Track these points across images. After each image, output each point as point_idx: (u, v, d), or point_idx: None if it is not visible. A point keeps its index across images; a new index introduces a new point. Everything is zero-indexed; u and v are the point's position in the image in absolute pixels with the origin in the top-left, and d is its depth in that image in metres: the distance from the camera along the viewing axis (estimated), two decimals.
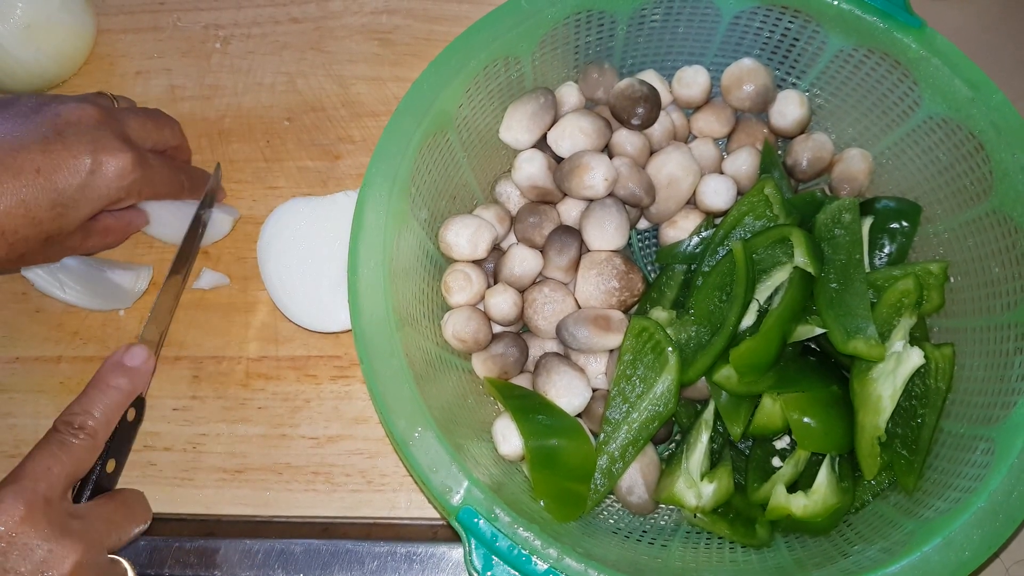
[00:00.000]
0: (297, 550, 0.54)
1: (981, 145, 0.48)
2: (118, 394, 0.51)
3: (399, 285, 0.46)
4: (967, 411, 0.46)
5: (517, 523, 0.40)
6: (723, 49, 0.57)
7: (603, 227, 0.51)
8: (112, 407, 0.51)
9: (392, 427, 0.42)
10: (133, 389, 0.52)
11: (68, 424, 0.48)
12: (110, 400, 0.50)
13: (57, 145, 0.50)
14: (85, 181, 0.51)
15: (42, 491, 0.45)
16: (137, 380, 0.52)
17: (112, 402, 0.51)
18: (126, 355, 0.52)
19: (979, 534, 0.40)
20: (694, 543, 0.47)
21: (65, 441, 0.48)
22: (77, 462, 0.48)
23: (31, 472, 0.45)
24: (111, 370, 0.52)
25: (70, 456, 0.47)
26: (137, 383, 0.52)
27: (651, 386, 0.48)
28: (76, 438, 0.48)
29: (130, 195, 0.54)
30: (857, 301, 0.47)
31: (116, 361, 0.52)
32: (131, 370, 0.52)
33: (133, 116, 0.56)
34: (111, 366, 0.52)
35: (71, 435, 0.48)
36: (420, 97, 0.49)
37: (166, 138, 0.59)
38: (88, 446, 0.48)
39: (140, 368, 0.53)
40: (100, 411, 0.50)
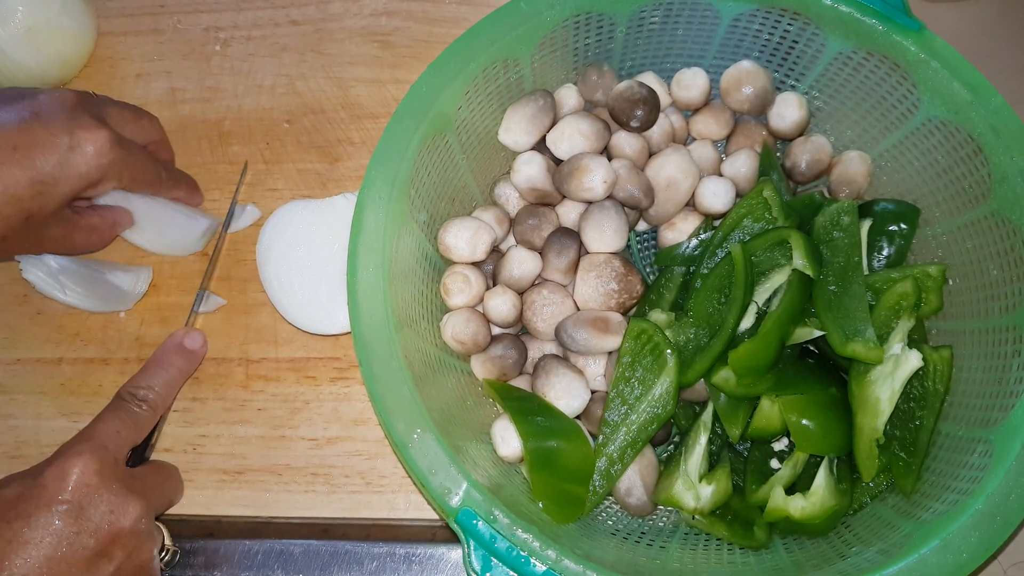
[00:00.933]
0: (296, 551, 0.55)
1: (980, 148, 0.48)
2: (177, 373, 0.55)
3: (398, 287, 0.46)
4: (965, 413, 0.46)
5: (516, 524, 0.40)
6: (722, 51, 0.57)
7: (602, 229, 0.51)
8: (171, 384, 0.55)
9: (391, 429, 0.42)
10: (189, 370, 0.57)
11: (133, 396, 0.52)
12: (170, 377, 0.55)
13: (34, 124, 0.51)
14: (63, 158, 0.51)
15: (112, 451, 0.49)
16: (192, 363, 0.57)
17: (171, 379, 0.55)
18: (186, 338, 0.57)
19: (977, 536, 0.40)
20: (692, 545, 0.47)
21: (131, 410, 0.52)
22: (139, 430, 0.52)
23: (103, 433, 0.49)
24: (173, 350, 0.56)
25: (135, 424, 0.51)
26: (192, 365, 0.57)
27: (650, 388, 0.48)
28: (140, 408, 0.52)
29: (108, 176, 0.54)
30: (855, 303, 0.47)
31: (177, 343, 0.56)
32: (190, 352, 0.57)
33: (111, 104, 0.57)
34: (172, 346, 0.56)
35: (136, 405, 0.52)
36: (419, 99, 0.49)
37: (144, 129, 0.59)
38: (149, 417, 0.53)
39: (196, 352, 0.57)
40: (161, 386, 0.54)
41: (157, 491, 0.52)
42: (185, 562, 0.55)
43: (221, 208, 0.63)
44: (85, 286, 0.58)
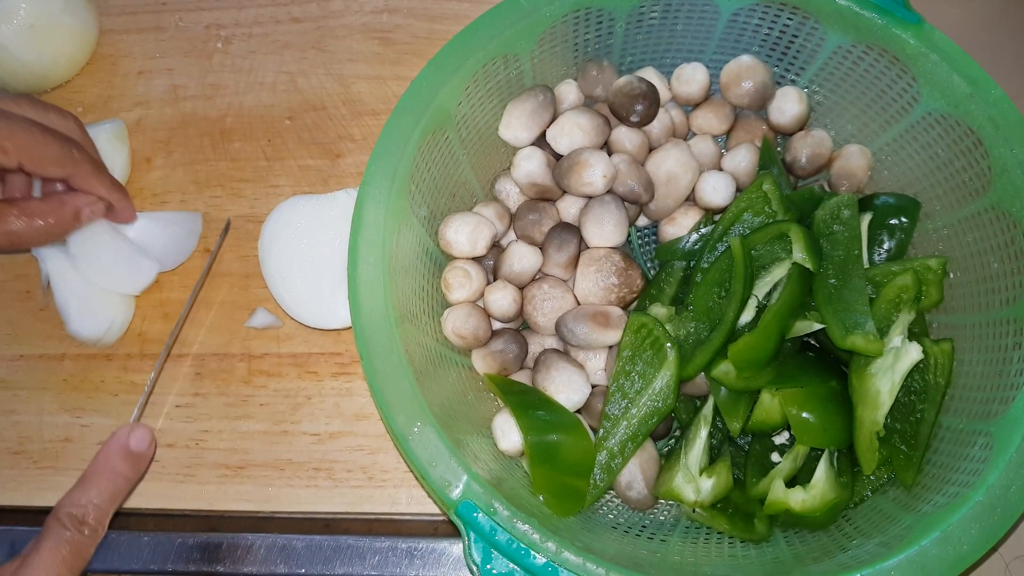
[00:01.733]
0: (299, 545, 0.55)
1: (980, 141, 0.48)
2: (122, 482, 0.48)
3: (399, 282, 0.47)
4: (966, 406, 0.46)
5: (516, 517, 0.40)
6: (722, 46, 0.57)
7: (602, 224, 0.52)
8: (116, 497, 0.47)
9: (391, 422, 0.42)
10: (135, 478, 0.49)
11: (74, 518, 0.45)
12: (115, 489, 0.47)
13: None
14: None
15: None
16: (140, 466, 0.49)
17: (117, 491, 0.47)
18: (132, 438, 0.48)
19: (977, 528, 0.40)
20: (693, 538, 0.47)
21: (73, 539, 0.45)
22: (81, 559, 0.45)
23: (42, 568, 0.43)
24: (117, 454, 0.48)
25: (76, 554, 0.45)
26: (139, 470, 0.49)
27: (650, 382, 0.48)
28: (82, 534, 0.45)
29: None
30: (855, 297, 0.47)
31: (121, 445, 0.48)
32: (137, 455, 0.49)
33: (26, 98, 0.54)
34: (116, 451, 0.48)
35: (78, 531, 0.45)
36: (419, 95, 0.50)
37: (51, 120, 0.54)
38: (92, 541, 0.46)
39: (145, 453, 0.49)
40: (104, 502, 0.46)
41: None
42: (188, 557, 0.55)
43: (222, 205, 0.64)
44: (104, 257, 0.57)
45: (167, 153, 0.66)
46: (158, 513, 0.56)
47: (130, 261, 0.59)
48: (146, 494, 0.56)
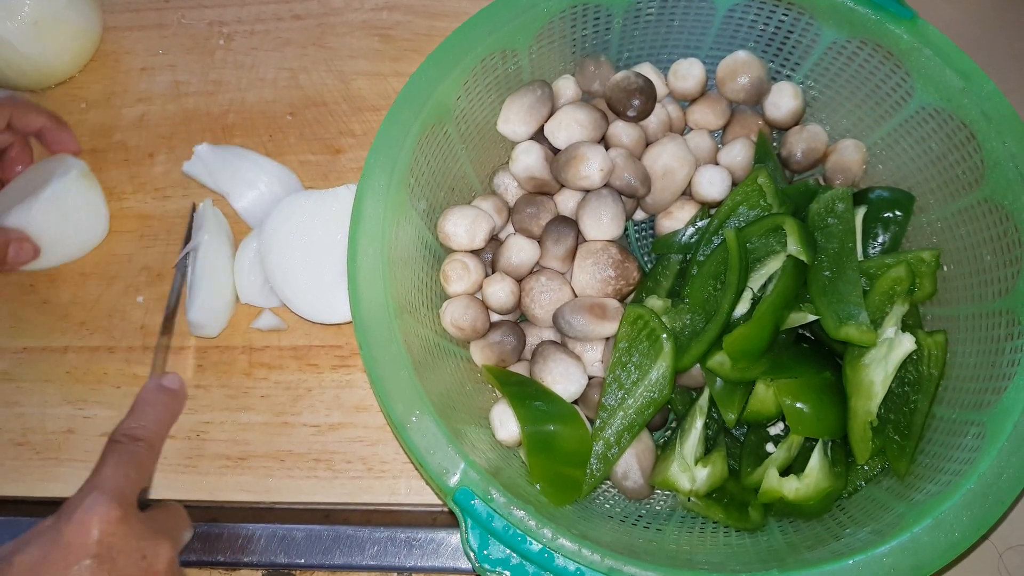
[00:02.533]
0: (299, 535, 0.55)
1: (973, 134, 0.49)
2: (164, 410, 0.54)
3: (398, 274, 0.47)
4: (959, 396, 0.47)
5: (512, 504, 0.41)
6: (718, 42, 0.58)
7: (599, 217, 0.52)
8: (163, 422, 0.53)
9: (390, 411, 0.43)
10: (177, 408, 0.55)
11: (129, 436, 0.50)
12: (159, 415, 0.53)
13: None
14: None
15: (128, 495, 0.47)
16: (177, 402, 0.55)
17: (161, 418, 0.53)
18: (165, 379, 0.55)
19: (968, 516, 0.40)
20: (688, 527, 0.48)
21: (132, 451, 0.50)
22: (143, 471, 0.50)
23: (112, 479, 0.47)
24: (154, 390, 0.54)
25: (138, 465, 0.49)
26: (177, 405, 0.55)
27: (646, 373, 0.48)
28: (140, 448, 0.50)
29: None
30: (849, 288, 0.48)
31: (156, 383, 0.55)
32: (171, 391, 0.55)
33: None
34: (153, 387, 0.54)
35: (135, 445, 0.50)
36: (418, 89, 0.50)
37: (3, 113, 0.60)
38: (148, 455, 0.51)
39: (178, 391, 0.56)
40: (153, 423, 0.52)
41: (177, 530, 0.50)
42: (189, 547, 0.55)
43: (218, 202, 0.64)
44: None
45: (169, 148, 0.67)
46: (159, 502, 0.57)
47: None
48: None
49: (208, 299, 0.58)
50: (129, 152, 0.67)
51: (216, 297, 0.58)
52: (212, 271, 0.58)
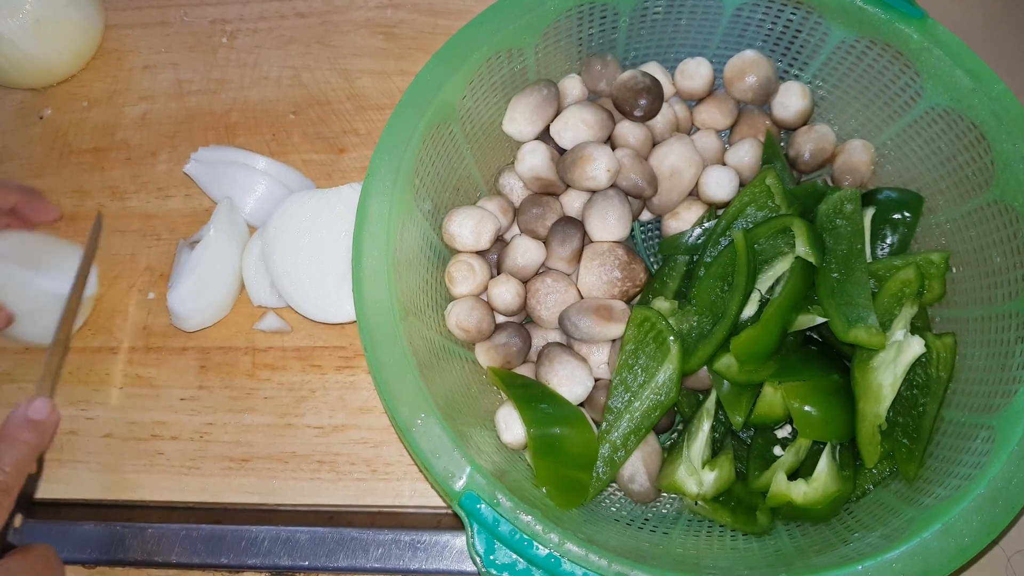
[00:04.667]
0: (303, 537, 0.55)
1: (983, 135, 0.48)
2: (26, 448, 0.51)
3: (403, 275, 0.47)
4: (968, 400, 0.46)
5: (519, 508, 0.41)
6: (725, 41, 0.57)
7: (605, 218, 0.52)
8: (22, 462, 0.51)
9: (395, 413, 0.42)
10: (40, 442, 0.52)
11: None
12: (19, 454, 0.51)
13: None
14: None
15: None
16: (43, 433, 0.53)
17: (22, 456, 0.51)
18: (30, 408, 0.52)
19: (978, 520, 0.40)
20: (695, 531, 0.48)
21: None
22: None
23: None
24: (16, 425, 0.52)
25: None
26: (43, 437, 0.53)
27: (653, 375, 0.48)
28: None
29: None
30: (858, 290, 0.48)
31: (21, 416, 0.52)
32: (37, 423, 0.52)
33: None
34: (16, 421, 0.52)
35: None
36: (423, 89, 0.50)
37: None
38: (4, 498, 0.49)
39: (46, 420, 0.53)
40: (11, 466, 0.50)
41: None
42: (192, 549, 0.55)
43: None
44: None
45: (172, 147, 0.66)
46: (163, 505, 0.57)
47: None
48: (150, 487, 0.57)
49: (191, 291, 0.57)
50: (131, 151, 0.67)
51: (201, 292, 0.57)
52: (208, 267, 0.58)
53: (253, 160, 0.62)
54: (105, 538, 0.55)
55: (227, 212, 0.59)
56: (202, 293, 0.57)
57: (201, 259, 0.57)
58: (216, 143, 0.66)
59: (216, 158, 0.62)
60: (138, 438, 0.58)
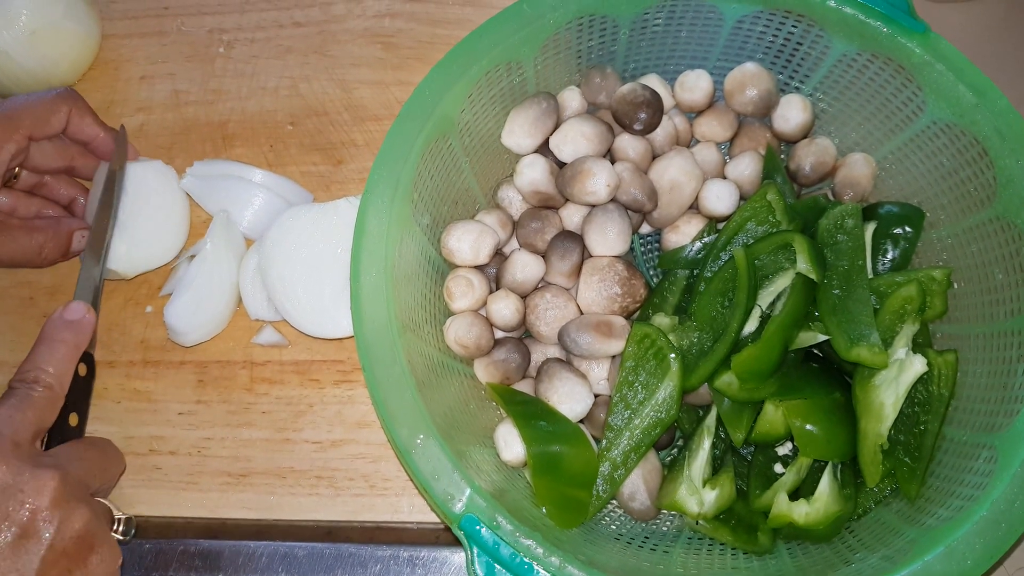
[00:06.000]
0: (301, 553, 0.55)
1: (985, 151, 0.48)
2: (65, 347, 0.52)
3: (401, 291, 0.47)
4: (970, 418, 0.46)
5: (519, 531, 0.40)
6: (726, 53, 0.57)
7: (605, 233, 0.51)
8: (63, 360, 0.51)
9: (394, 435, 0.42)
10: (79, 342, 0.53)
11: (23, 380, 0.49)
12: (59, 354, 0.51)
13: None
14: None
15: (8, 435, 0.46)
16: (81, 333, 0.53)
17: (61, 356, 0.51)
18: (66, 311, 0.53)
19: (981, 543, 0.40)
20: (696, 549, 0.47)
21: (24, 394, 0.49)
22: (39, 412, 0.49)
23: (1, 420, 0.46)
24: (54, 326, 0.52)
25: (31, 407, 0.48)
26: (81, 336, 0.53)
27: (653, 392, 0.48)
28: (34, 391, 0.49)
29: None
30: (860, 308, 0.47)
31: (57, 317, 0.53)
32: (73, 323, 0.53)
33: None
34: (53, 322, 0.53)
35: (28, 388, 0.49)
36: (422, 102, 0.49)
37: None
38: (48, 397, 0.50)
39: (81, 321, 0.53)
40: (52, 365, 0.50)
41: (78, 462, 0.49)
42: (190, 564, 0.55)
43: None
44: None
45: (169, 158, 0.66)
46: (160, 520, 0.56)
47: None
48: (148, 501, 0.56)
49: (188, 306, 0.57)
50: None
51: (199, 307, 0.57)
52: (205, 281, 0.57)
53: (249, 173, 0.61)
54: None
55: (223, 226, 0.59)
56: (199, 308, 0.57)
57: (198, 274, 0.57)
58: (213, 154, 0.66)
59: (212, 172, 0.61)
60: (136, 452, 0.58)
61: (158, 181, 0.61)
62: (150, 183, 0.61)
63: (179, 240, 0.62)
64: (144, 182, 0.60)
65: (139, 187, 0.60)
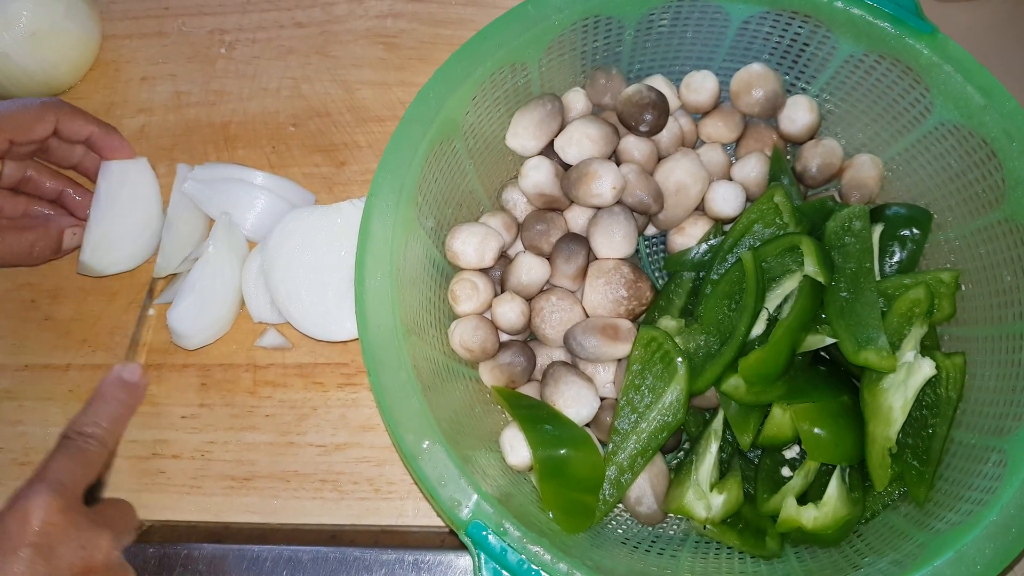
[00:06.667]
0: (305, 557, 0.55)
1: (993, 152, 0.48)
2: (120, 407, 0.53)
3: (406, 294, 0.46)
4: (978, 421, 0.46)
5: (526, 537, 0.40)
6: (732, 54, 0.56)
7: (611, 235, 0.51)
8: (116, 419, 0.53)
9: (400, 441, 0.42)
10: (133, 403, 0.55)
11: (80, 433, 0.50)
12: (114, 412, 0.53)
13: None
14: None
15: (70, 489, 0.47)
16: (136, 395, 0.55)
17: (116, 414, 0.53)
18: (124, 371, 0.55)
19: (991, 548, 0.40)
20: (703, 553, 0.47)
21: (81, 447, 0.49)
22: (91, 467, 0.50)
23: (58, 472, 0.47)
24: (113, 384, 0.54)
25: (86, 461, 0.49)
26: (136, 398, 0.55)
27: (660, 396, 0.47)
28: (89, 445, 0.50)
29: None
30: (868, 311, 0.47)
31: (116, 376, 0.55)
32: (130, 385, 0.55)
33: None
34: (112, 381, 0.54)
35: (84, 442, 0.50)
36: (427, 105, 0.49)
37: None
38: (99, 452, 0.50)
39: (138, 383, 0.55)
40: (107, 421, 0.52)
41: (121, 524, 0.50)
42: (193, 568, 0.55)
43: None
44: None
45: (171, 160, 0.65)
46: (164, 524, 0.56)
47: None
48: (152, 505, 0.56)
49: (191, 310, 0.57)
50: None
51: (202, 310, 0.57)
52: (208, 284, 0.57)
53: (251, 176, 0.61)
54: None
55: (225, 228, 0.58)
56: (202, 311, 0.57)
57: (200, 276, 0.57)
58: (215, 156, 0.65)
59: (213, 175, 0.61)
60: (139, 456, 0.57)
61: (137, 180, 0.61)
62: (128, 181, 0.60)
63: (152, 242, 0.61)
64: (123, 180, 0.60)
65: (118, 185, 0.60)
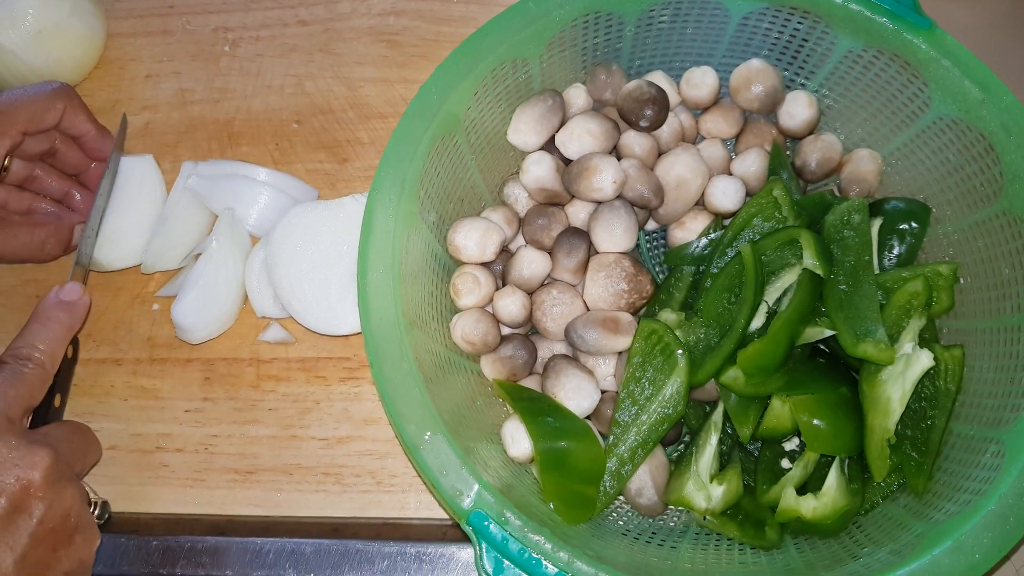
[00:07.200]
0: (308, 550, 0.55)
1: (991, 147, 0.48)
2: (59, 327, 0.52)
3: (408, 288, 0.47)
4: (977, 413, 0.46)
5: (527, 527, 0.40)
6: (731, 50, 0.57)
7: (611, 229, 0.51)
8: (56, 339, 0.52)
9: (402, 431, 0.42)
10: (72, 323, 0.53)
11: (15, 356, 0.50)
12: (53, 333, 0.52)
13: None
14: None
15: (2, 409, 0.46)
16: (75, 314, 0.54)
17: (55, 335, 0.52)
18: (63, 291, 0.54)
19: (989, 537, 0.40)
20: (703, 544, 0.47)
21: (16, 370, 0.49)
22: (30, 390, 0.49)
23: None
24: (50, 305, 0.53)
25: (23, 383, 0.49)
26: (75, 317, 0.54)
27: (660, 388, 0.48)
28: (26, 368, 0.49)
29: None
30: (866, 303, 0.47)
31: (53, 297, 0.53)
32: (69, 304, 0.53)
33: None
34: (48, 302, 0.53)
35: (20, 365, 0.49)
36: (428, 100, 0.50)
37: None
38: (38, 375, 0.50)
39: (77, 302, 0.54)
40: (45, 343, 0.51)
41: (66, 443, 0.49)
42: (197, 561, 0.55)
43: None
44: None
45: (175, 157, 0.66)
46: (167, 517, 0.57)
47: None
48: (155, 499, 0.57)
49: (195, 304, 0.57)
50: None
51: (206, 305, 0.57)
52: (212, 279, 0.57)
53: (254, 172, 0.61)
54: (109, 550, 0.55)
55: (229, 224, 0.59)
56: (206, 306, 0.57)
57: (204, 271, 0.57)
58: (219, 153, 0.66)
59: (217, 172, 0.61)
60: (143, 450, 0.58)
61: (142, 176, 0.62)
62: (133, 178, 0.61)
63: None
64: (128, 176, 0.61)
65: (124, 181, 0.61)
